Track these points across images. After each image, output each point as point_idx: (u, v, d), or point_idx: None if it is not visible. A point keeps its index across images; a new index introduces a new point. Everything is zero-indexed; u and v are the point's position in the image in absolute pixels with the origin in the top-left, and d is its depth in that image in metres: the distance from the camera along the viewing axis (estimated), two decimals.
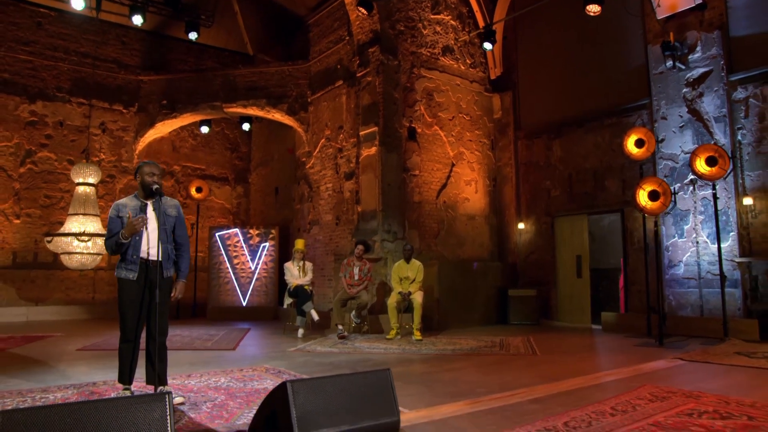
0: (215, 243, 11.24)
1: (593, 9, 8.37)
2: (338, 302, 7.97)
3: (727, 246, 7.65)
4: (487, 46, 9.80)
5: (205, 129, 12.02)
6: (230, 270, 11.18)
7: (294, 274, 8.23)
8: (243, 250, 11.31)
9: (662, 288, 8.29)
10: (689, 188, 8.15)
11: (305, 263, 8.38)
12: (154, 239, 3.61)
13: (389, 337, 7.56)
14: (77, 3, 8.61)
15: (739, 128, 7.83)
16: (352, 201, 9.85)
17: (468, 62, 10.83)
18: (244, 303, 11.10)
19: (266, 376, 4.69)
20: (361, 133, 9.55)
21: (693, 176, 7.80)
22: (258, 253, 11.36)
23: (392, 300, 7.72)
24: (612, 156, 9.27)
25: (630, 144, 7.51)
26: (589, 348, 6.81)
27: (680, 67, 8.31)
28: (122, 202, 3.72)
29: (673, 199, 7.61)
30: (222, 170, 13.11)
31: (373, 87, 9.39)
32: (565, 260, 10.01)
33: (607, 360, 5.91)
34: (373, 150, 9.27)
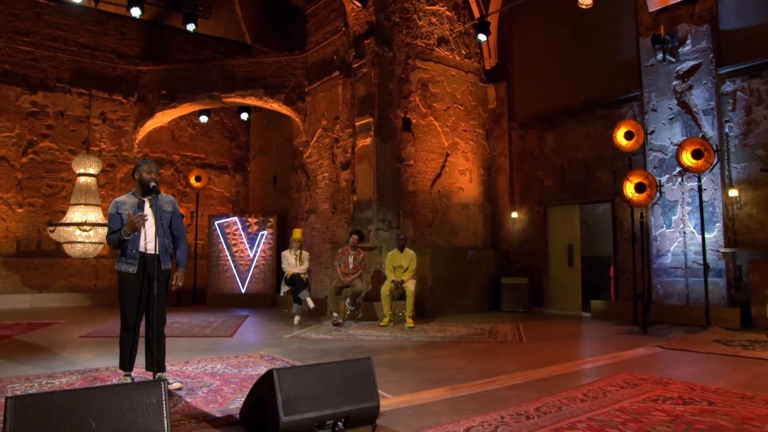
0: (214, 231, 11.46)
1: (585, 2, 8.47)
2: (333, 290, 8.19)
3: (713, 237, 7.84)
4: (482, 38, 9.90)
5: (204, 118, 12.18)
6: (229, 258, 11.41)
7: (291, 263, 8.44)
8: (242, 239, 11.53)
9: (650, 277, 8.52)
10: (678, 180, 8.32)
11: (302, 252, 8.59)
12: (152, 234, 3.81)
13: (382, 324, 7.80)
14: None
15: (727, 121, 7.97)
16: (348, 190, 10.03)
17: (463, 53, 10.93)
18: (243, 290, 11.35)
19: (260, 363, 4.93)
20: (357, 124, 9.70)
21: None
22: (256, 241, 11.57)
23: (385, 288, 7.94)
24: (603, 147, 9.42)
25: (619, 136, 7.68)
26: (575, 336, 7.03)
27: (670, 60, 8.43)
28: (121, 200, 3.92)
29: (660, 191, 7.78)
30: (221, 159, 13.28)
31: (369, 78, 9.53)
32: (557, 249, 10.22)
33: (590, 347, 6.13)
34: (369, 140, 9.44)
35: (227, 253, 11.42)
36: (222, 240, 11.46)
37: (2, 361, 4.92)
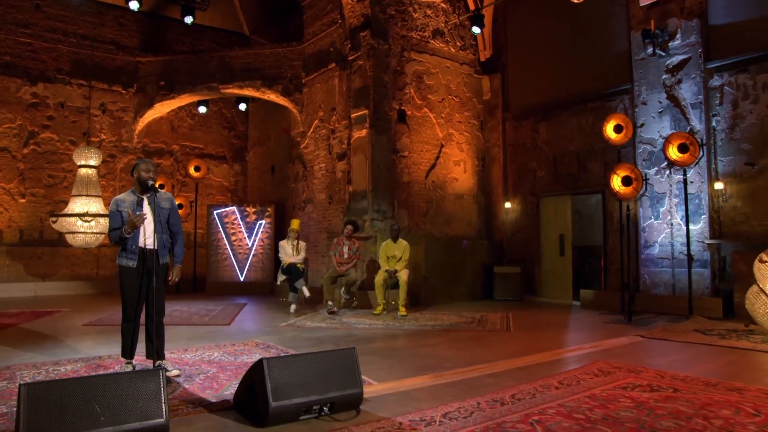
0: (213, 221, 11.67)
1: None
2: (328, 279, 8.42)
3: (699, 228, 8.04)
4: (476, 31, 10.01)
5: (203, 109, 12.33)
6: (228, 247, 11.63)
7: (288, 253, 8.66)
8: (240, 228, 11.75)
9: (638, 267, 8.74)
10: (666, 172, 8.49)
11: (299, 242, 8.80)
12: (150, 230, 4.02)
13: (376, 313, 8.03)
14: None
15: (714, 115, 8.12)
16: (344, 181, 10.22)
17: (458, 45, 11.05)
18: (242, 278, 11.59)
19: (255, 351, 5.16)
20: (353, 116, 9.86)
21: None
22: (254, 231, 11.79)
23: (379, 278, 8.16)
24: (595, 139, 9.57)
25: (609, 129, 7.85)
26: (562, 325, 7.26)
27: (660, 54, 8.55)
28: (121, 198, 4.12)
29: (646, 185, 7.96)
30: (220, 149, 13.45)
31: (364, 71, 9.67)
32: (549, 239, 10.42)
33: (575, 336, 6.35)
34: (364, 132, 9.60)
35: (226, 242, 11.65)
36: (221, 229, 11.67)
37: (10, 349, 5.16)
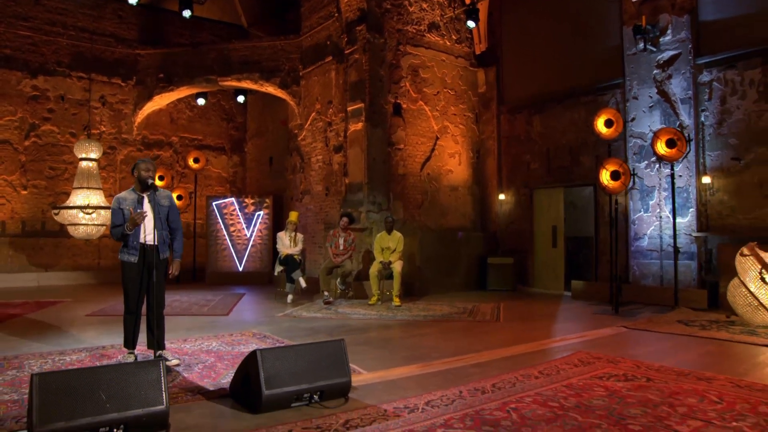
0: (212, 212, 11.85)
1: None
2: (324, 270, 8.62)
3: (686, 221, 8.23)
4: (471, 25, 10.12)
5: (202, 101, 12.46)
6: (227, 237, 11.83)
7: (285, 244, 8.85)
8: (239, 218, 11.93)
9: (628, 259, 8.94)
10: (656, 166, 8.66)
11: (296, 234, 8.99)
12: (151, 227, 4.21)
13: (371, 303, 8.25)
14: None
15: (703, 110, 8.28)
16: (341, 173, 10.39)
17: (454, 38, 11.16)
18: (241, 268, 11.80)
19: (252, 341, 5.37)
20: (349, 109, 10.01)
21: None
22: (253, 221, 11.98)
23: (374, 269, 8.37)
24: (587, 133, 9.71)
25: (600, 124, 8.01)
26: (551, 315, 7.47)
27: (651, 50, 8.69)
28: (122, 196, 4.30)
29: (633, 179, 8.13)
30: (218, 140, 13.59)
31: (360, 65, 9.80)
32: (542, 230, 10.62)
33: (561, 327, 6.56)
34: (360, 125, 9.76)
35: (225, 233, 11.84)
36: (220, 220, 11.86)
37: (17, 339, 5.37)
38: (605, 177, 7.60)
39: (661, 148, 7.65)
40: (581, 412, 3.20)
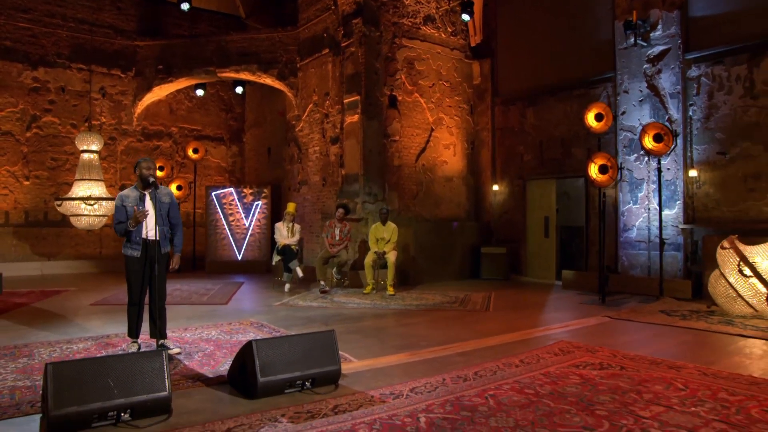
0: (212, 202, 12.06)
1: None
2: (321, 260, 8.86)
3: (674, 213, 8.45)
4: (465, 18, 10.25)
5: (200, 92, 12.62)
6: (226, 227, 12.06)
7: (283, 234, 9.08)
8: (237, 208, 12.15)
9: (617, 249, 9.18)
10: (645, 159, 8.85)
11: (294, 225, 9.21)
12: (152, 223, 4.43)
13: (366, 292, 8.50)
14: None
15: (691, 105, 8.45)
16: (337, 164, 10.58)
17: (449, 30, 11.28)
18: (240, 257, 12.04)
19: (250, 330, 5.62)
20: (345, 101, 10.18)
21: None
22: (251, 211, 12.20)
23: (368, 259, 8.61)
24: (579, 125, 9.85)
25: (590, 118, 8.19)
26: (539, 305, 7.71)
27: (642, 44, 8.84)
28: (125, 193, 4.51)
29: (620, 174, 8.33)
30: (217, 130, 13.76)
31: (356, 58, 9.95)
32: (535, 221, 10.84)
33: (548, 317, 6.81)
34: (356, 118, 9.93)
35: (224, 223, 12.07)
36: (219, 210, 12.08)
37: (25, 328, 5.62)
38: (593, 171, 7.81)
39: (649, 143, 7.85)
40: (554, 399, 3.44)
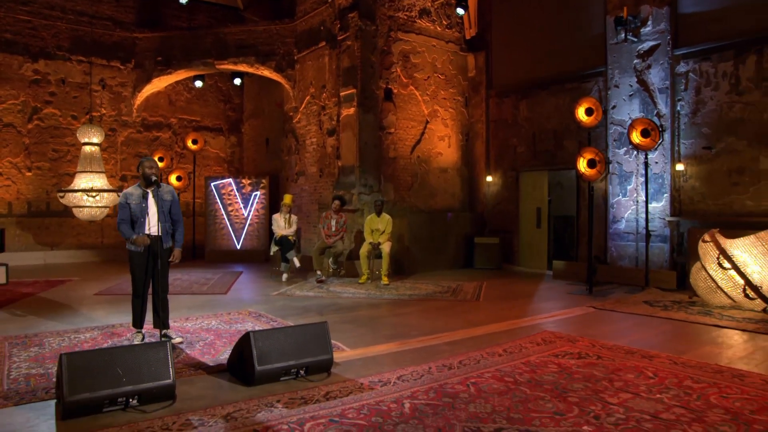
0: (211, 192, 12.28)
1: None
2: (317, 250, 9.11)
3: (661, 206, 8.69)
4: (460, 12, 10.40)
5: (199, 83, 12.76)
6: (225, 217, 12.29)
7: (280, 225, 9.33)
8: (236, 199, 12.37)
9: (606, 241, 9.43)
10: (634, 153, 9.07)
11: (291, 216, 9.45)
12: (155, 220, 4.66)
13: (361, 282, 8.76)
14: None
15: (679, 100, 8.65)
16: (334, 156, 10.79)
17: (444, 23, 11.42)
18: (238, 246, 12.29)
19: (248, 319, 5.87)
20: (341, 94, 10.36)
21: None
22: (250, 201, 12.42)
23: (364, 250, 8.86)
24: (571, 118, 10.02)
25: (581, 112, 8.40)
26: (529, 295, 7.97)
27: (632, 40, 9.01)
28: (129, 191, 4.74)
29: (608, 168, 8.55)
30: (216, 121, 13.93)
31: (352, 51, 10.11)
32: (527, 211, 11.08)
33: (536, 307, 7.07)
34: (352, 110, 10.12)
35: (223, 213, 12.29)
36: (218, 200, 12.30)
37: (34, 318, 5.88)
38: (582, 165, 8.03)
39: (636, 138, 8.07)
40: (531, 387, 3.70)
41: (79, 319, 5.82)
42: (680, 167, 8.56)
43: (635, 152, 9.01)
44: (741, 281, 6.33)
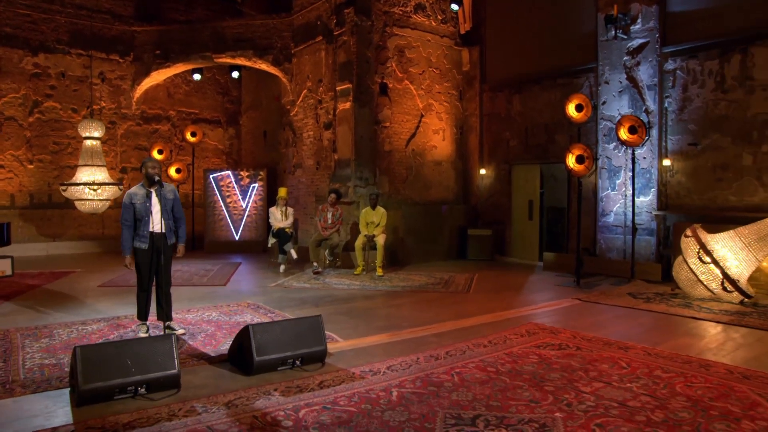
0: (210, 184, 12.50)
1: None
2: (313, 242, 9.37)
3: (648, 200, 8.94)
4: (454, 7, 10.57)
5: (197, 76, 12.92)
6: (224, 208, 12.52)
7: (277, 218, 9.58)
8: (235, 190, 12.60)
9: (595, 233, 9.69)
10: (623, 148, 9.30)
11: (287, 208, 9.70)
12: (158, 218, 4.90)
13: (356, 273, 9.03)
14: None
15: (667, 97, 8.87)
16: (330, 149, 11.00)
17: (439, 18, 11.58)
18: (237, 237, 12.54)
19: (247, 311, 6.14)
20: (338, 89, 10.55)
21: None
22: (248, 193, 12.65)
23: (359, 242, 9.12)
24: (562, 113, 10.13)
25: (571, 109, 8.61)
26: (518, 286, 8.24)
27: (622, 37, 9.20)
28: (133, 191, 4.97)
29: (595, 164, 8.78)
30: (214, 113, 14.11)
31: (348, 47, 10.28)
32: (519, 204, 11.33)
33: (524, 299, 7.33)
34: (348, 105, 10.32)
35: (222, 204, 12.53)
36: (217, 192, 12.53)
37: (42, 309, 6.13)
38: (571, 161, 8.26)
39: (624, 134, 8.30)
40: (511, 376, 3.98)
41: (85, 311, 6.07)
42: (667, 163, 8.81)
43: (624, 147, 9.24)
44: (720, 275, 6.60)
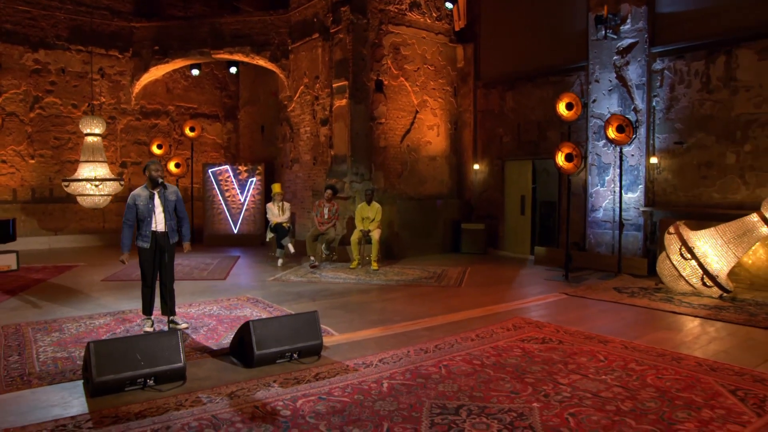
0: (208, 178, 12.71)
1: None
2: (310, 237, 9.61)
3: (636, 197, 9.20)
4: (448, 6, 10.75)
5: (196, 72, 13.10)
6: (222, 202, 12.75)
7: (274, 213, 9.82)
8: (233, 185, 12.82)
9: (585, 228, 9.96)
10: (611, 145, 9.54)
11: (284, 204, 9.94)
12: (161, 218, 5.14)
13: (352, 267, 9.29)
14: None
15: (655, 96, 9.10)
16: (327, 145, 11.22)
17: (434, 15, 11.76)
18: (235, 231, 12.77)
19: (246, 305, 6.40)
20: (334, 86, 10.75)
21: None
22: (246, 187, 12.87)
23: (354, 237, 9.37)
24: (554, 110, 10.39)
25: (561, 107, 8.84)
26: (508, 280, 8.50)
27: (612, 37, 9.42)
28: (136, 193, 5.20)
29: (585, 162, 9.03)
30: (213, 108, 14.28)
31: (344, 44, 10.47)
32: (512, 199, 11.59)
33: (513, 293, 7.59)
34: (344, 102, 10.53)
35: (220, 198, 12.75)
36: (215, 186, 12.74)
37: (49, 304, 6.38)
38: (560, 159, 8.51)
39: (612, 133, 8.55)
40: (495, 369, 4.25)
41: (91, 305, 6.32)
42: (654, 160, 9.06)
43: (613, 145, 9.48)
44: (700, 270, 6.88)
